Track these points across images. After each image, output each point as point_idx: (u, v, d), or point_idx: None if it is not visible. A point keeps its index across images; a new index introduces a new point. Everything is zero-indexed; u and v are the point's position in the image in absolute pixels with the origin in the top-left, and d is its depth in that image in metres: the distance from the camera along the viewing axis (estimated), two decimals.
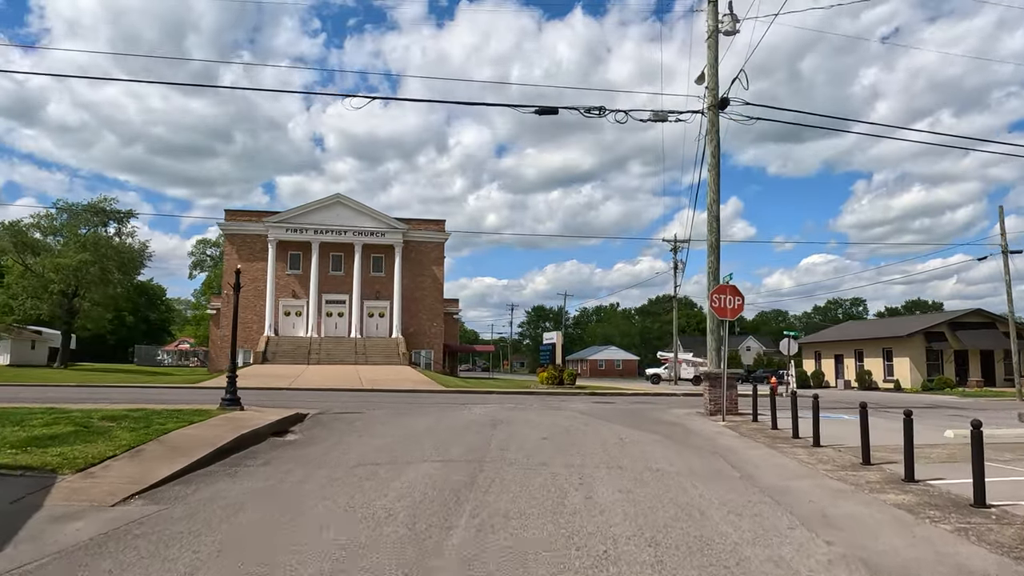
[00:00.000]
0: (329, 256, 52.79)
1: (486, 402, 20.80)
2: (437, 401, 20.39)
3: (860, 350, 46.74)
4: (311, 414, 14.90)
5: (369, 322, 52.93)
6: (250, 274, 51.32)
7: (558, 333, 33.79)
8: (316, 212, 51.67)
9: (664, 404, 21.94)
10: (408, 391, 26.39)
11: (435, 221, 55.37)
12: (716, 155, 19.15)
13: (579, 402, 21.69)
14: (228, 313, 52.34)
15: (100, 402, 16.32)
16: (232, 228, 51.45)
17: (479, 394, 26.64)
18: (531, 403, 20.73)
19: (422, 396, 24.04)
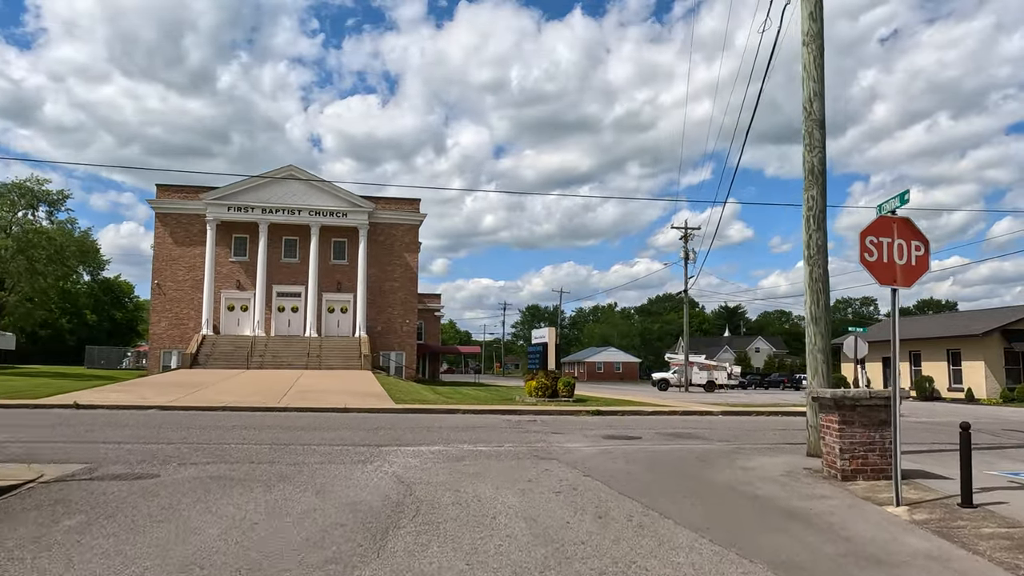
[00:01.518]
0: (281, 240, 44.63)
1: (433, 433, 12.82)
2: (345, 441, 12.25)
3: (917, 352, 38.79)
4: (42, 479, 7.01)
5: (329, 319, 44.78)
6: (187, 261, 43.22)
7: (550, 329, 25.72)
8: (264, 187, 43.49)
9: (712, 434, 13.96)
10: (341, 409, 18.40)
11: (407, 200, 47.23)
12: (818, 16, 11.15)
13: (578, 435, 13.67)
14: (159, 308, 44.23)
15: None
16: (164, 206, 43.26)
17: (439, 414, 18.64)
18: (502, 436, 12.74)
19: (350, 419, 16.02)
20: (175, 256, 43.18)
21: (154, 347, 42.38)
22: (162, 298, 42.80)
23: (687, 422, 17.47)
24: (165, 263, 43.06)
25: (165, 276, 42.95)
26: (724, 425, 16.74)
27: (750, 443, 12.54)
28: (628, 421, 17.60)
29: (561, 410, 19.97)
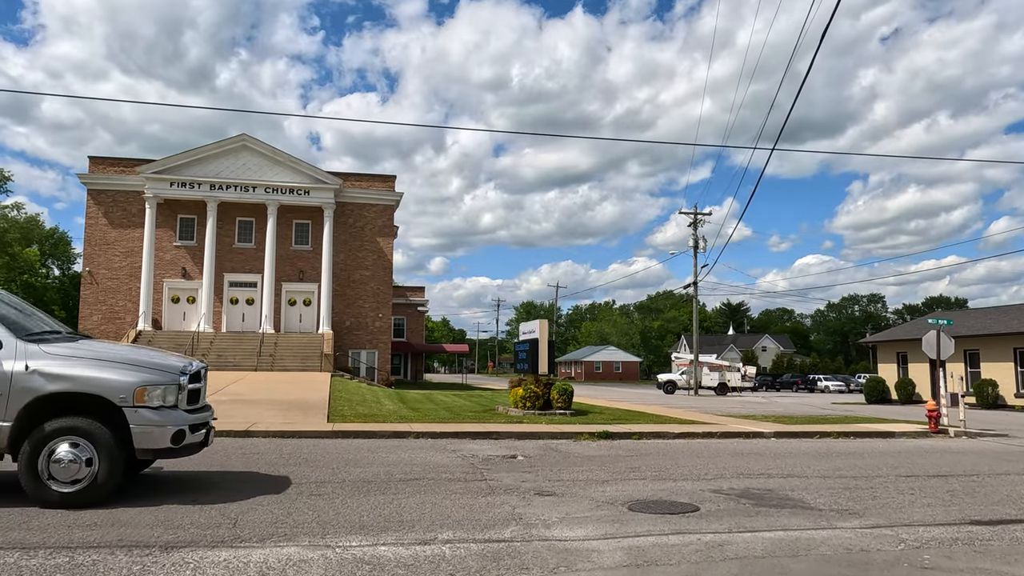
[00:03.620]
0: (234, 222, 38.75)
1: (332, 497, 7.16)
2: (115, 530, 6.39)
3: (974, 351, 33.03)
4: None
5: (289, 312, 38.91)
6: (124, 245, 37.34)
7: (542, 322, 19.99)
8: (213, 160, 37.58)
9: (808, 490, 8.32)
10: (241, 433, 12.69)
11: (381, 176, 41.35)
12: None
13: (581, 499, 8.22)
14: (91, 300, 38.27)
15: None
16: (98, 182, 37.32)
17: (381, 439, 12.96)
18: (446, 508, 7.15)
19: (230, 453, 10.26)
20: (110, 239, 37.29)
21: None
22: (94, 288, 36.90)
23: (742, 456, 11.68)
24: (98, 247, 37.16)
25: (98, 263, 37.06)
26: (802, 463, 10.95)
27: (908, 517, 6.78)
28: (652, 452, 11.82)
29: (555, 432, 14.18)
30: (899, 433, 15.93)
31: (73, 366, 6.47)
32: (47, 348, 6.54)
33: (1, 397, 6.31)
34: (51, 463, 6.29)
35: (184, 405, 6.87)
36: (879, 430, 16.25)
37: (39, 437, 6.32)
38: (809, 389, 65.70)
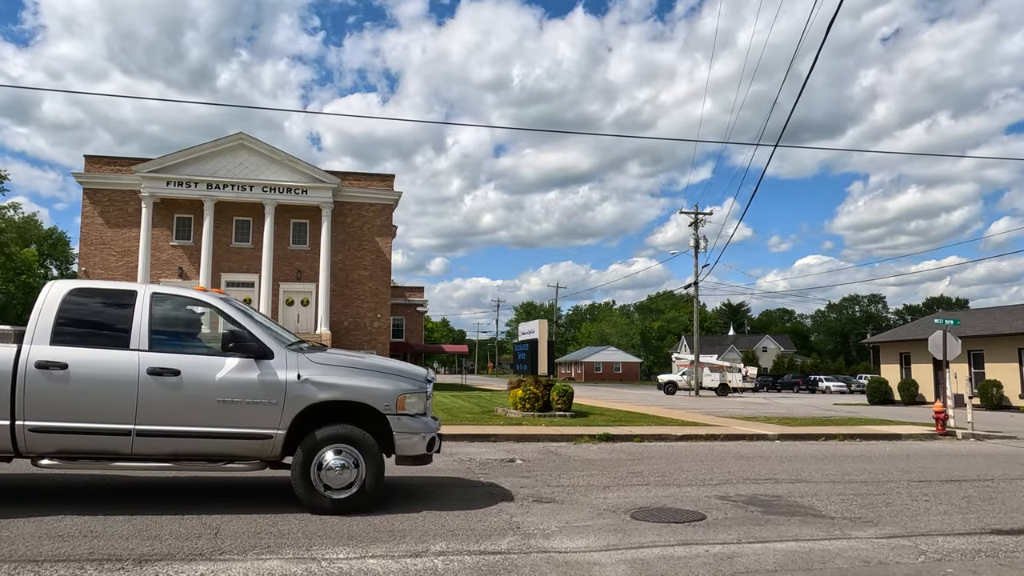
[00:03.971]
0: (231, 221, 38.43)
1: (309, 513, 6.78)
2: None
3: (978, 352, 32.68)
4: None
5: (287, 312, 38.59)
6: (120, 245, 37.00)
7: (541, 322, 19.66)
8: (210, 159, 37.26)
9: (818, 496, 8.08)
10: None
11: (380, 176, 41.04)
12: None
13: (583, 507, 8.04)
14: None
15: None
16: (94, 181, 36.99)
17: None
18: (440, 516, 6.79)
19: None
20: (106, 239, 36.96)
21: None
22: None
23: (747, 459, 11.36)
24: (94, 247, 36.83)
25: (94, 262, 36.72)
26: (809, 467, 10.63)
27: (926, 525, 6.46)
28: (655, 455, 11.51)
29: (555, 434, 13.86)
30: (906, 435, 15.61)
31: (336, 374, 6.56)
32: (311, 357, 6.60)
33: (276, 406, 6.37)
34: (323, 471, 6.36)
35: (430, 413, 7.00)
36: (885, 432, 15.92)
37: (311, 444, 6.38)
38: (810, 390, 65.37)
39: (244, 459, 6.45)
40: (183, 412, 6.24)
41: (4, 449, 6.12)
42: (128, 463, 6.31)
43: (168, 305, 6.69)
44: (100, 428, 6.13)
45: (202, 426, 6.26)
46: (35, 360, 6.09)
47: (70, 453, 6.19)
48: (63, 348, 6.18)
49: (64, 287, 6.47)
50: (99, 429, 6.13)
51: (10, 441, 6.07)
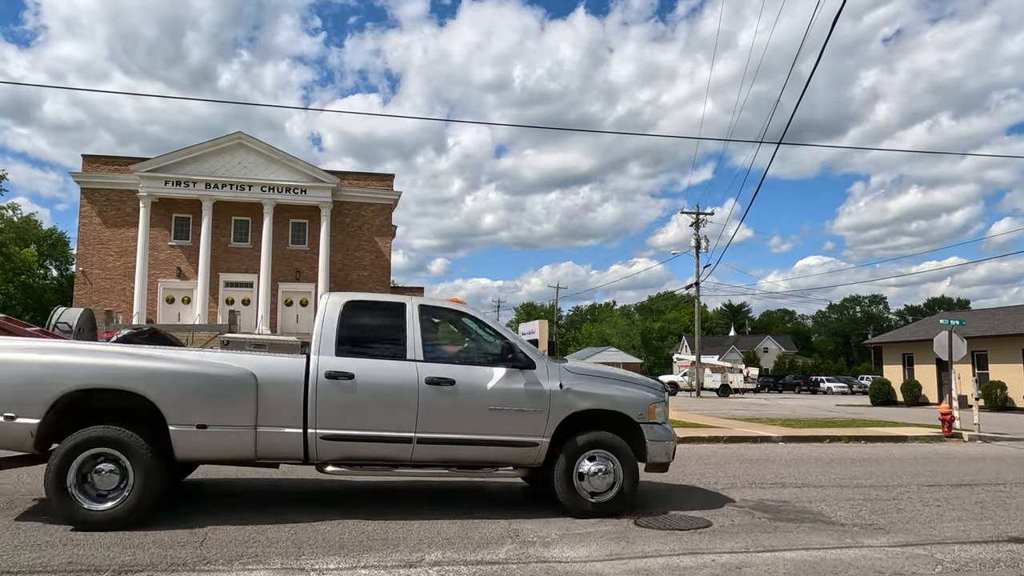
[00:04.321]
0: (230, 221, 38.23)
1: (288, 528, 6.55)
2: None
3: (982, 352, 32.42)
4: None
5: (286, 313, 38.39)
6: (118, 244, 36.81)
7: (542, 323, 19.45)
8: (209, 158, 37.05)
9: (826, 501, 7.90)
10: None
11: (379, 175, 40.84)
12: None
13: (585, 520, 7.46)
14: (84, 300, 37.67)
15: None
16: (91, 180, 36.80)
17: None
18: (433, 523, 6.51)
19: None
20: (104, 239, 36.77)
21: None
22: (87, 288, 36.37)
23: (751, 462, 11.12)
24: (92, 247, 36.64)
25: (92, 262, 36.54)
26: (815, 471, 10.39)
27: (940, 533, 6.24)
28: None
29: None
30: (911, 437, 15.38)
31: (592, 384, 6.83)
32: (566, 367, 6.84)
33: (541, 415, 6.58)
34: (586, 476, 6.61)
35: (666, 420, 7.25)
36: (891, 434, 15.69)
37: (572, 450, 6.62)
38: (812, 391, 65.16)
39: (510, 466, 6.70)
40: (458, 420, 6.44)
41: (295, 456, 6.24)
42: (407, 470, 6.48)
43: (434, 317, 6.95)
44: (384, 436, 6.30)
45: (475, 434, 6.46)
46: (325, 370, 6.22)
47: (355, 460, 6.35)
48: (348, 359, 6.34)
49: (340, 300, 6.70)
50: (383, 436, 6.30)
51: (303, 448, 6.19)
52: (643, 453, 6.87)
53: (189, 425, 5.86)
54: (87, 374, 5.76)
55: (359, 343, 6.47)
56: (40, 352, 5.84)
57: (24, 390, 5.65)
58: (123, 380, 5.79)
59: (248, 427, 6.00)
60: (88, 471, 5.68)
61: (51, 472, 5.58)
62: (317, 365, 6.22)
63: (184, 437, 5.86)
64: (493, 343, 6.79)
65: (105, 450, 5.69)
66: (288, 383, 6.13)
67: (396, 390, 6.32)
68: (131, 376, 5.81)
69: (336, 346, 6.35)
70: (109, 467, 5.69)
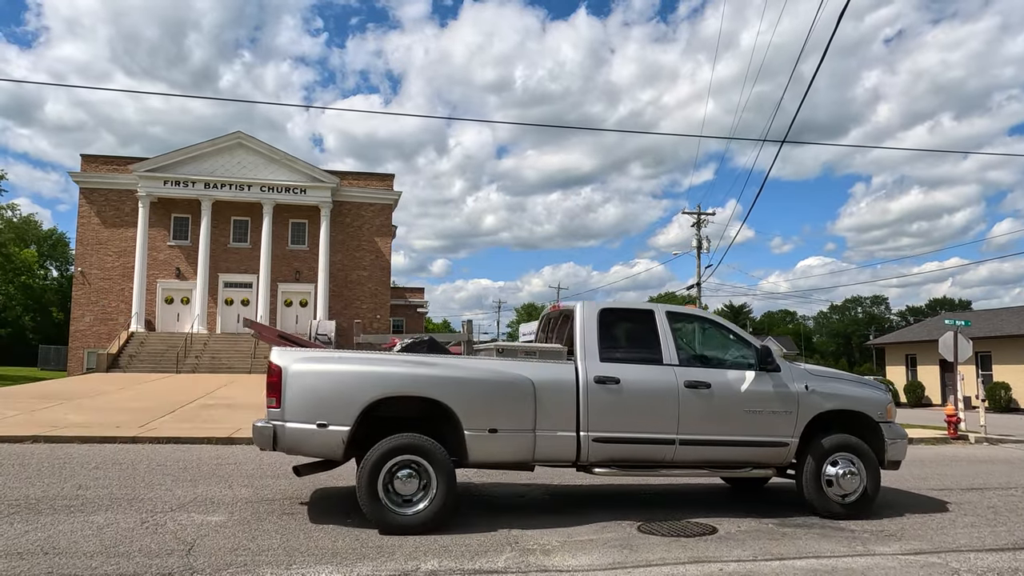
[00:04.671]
0: (229, 221, 38.07)
1: (293, 530, 6.36)
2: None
3: (986, 353, 32.23)
4: None
5: (286, 313, 38.22)
6: (117, 245, 36.67)
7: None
8: (208, 158, 36.90)
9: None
10: (223, 440, 12.05)
11: (379, 175, 40.68)
12: None
13: (590, 522, 7.45)
14: (83, 301, 37.55)
15: None
16: (90, 180, 36.66)
17: None
18: (429, 537, 6.28)
19: (214, 463, 9.59)
20: (103, 239, 36.61)
21: (76, 346, 35.77)
22: (86, 288, 36.20)
23: None
24: (91, 247, 36.49)
25: (90, 263, 36.39)
26: None
27: (954, 540, 6.04)
28: None
29: None
30: (917, 439, 15.15)
31: (831, 385, 7.07)
32: (807, 369, 7.12)
33: (790, 416, 6.81)
34: (835, 478, 6.79)
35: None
36: None
37: (820, 452, 6.82)
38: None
39: (762, 466, 6.88)
40: (716, 422, 6.67)
41: (567, 458, 6.44)
42: (668, 471, 6.71)
43: (680, 322, 7.18)
44: (649, 438, 6.53)
45: (732, 435, 6.69)
46: (593, 376, 6.47)
47: (621, 461, 6.54)
48: (612, 364, 6.58)
49: (594, 308, 6.88)
50: (648, 439, 6.53)
51: (575, 451, 6.39)
52: (881, 453, 7.05)
53: (482, 430, 6.11)
54: (392, 383, 6.03)
55: (618, 349, 6.75)
56: (349, 363, 6.10)
57: (336, 399, 5.89)
58: (424, 388, 6.05)
59: (528, 431, 6.25)
60: (390, 477, 5.90)
61: (363, 478, 5.81)
62: (585, 371, 6.48)
63: (477, 442, 6.10)
64: (739, 347, 7.09)
65: (410, 457, 5.92)
66: (562, 389, 6.38)
67: (659, 394, 6.58)
68: (430, 384, 6.06)
69: (599, 352, 6.60)
70: (407, 472, 5.91)
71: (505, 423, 6.17)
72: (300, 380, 5.90)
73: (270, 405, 5.94)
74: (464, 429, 6.04)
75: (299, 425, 5.86)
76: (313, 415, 5.86)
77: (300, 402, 5.87)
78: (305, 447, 5.98)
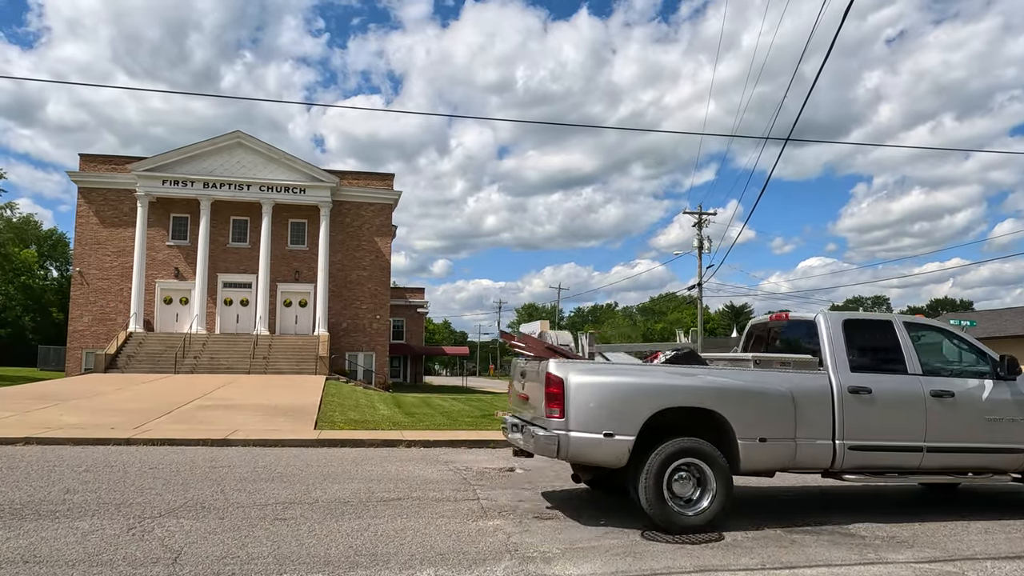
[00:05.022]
0: (228, 221, 37.85)
1: (280, 535, 6.17)
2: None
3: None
4: None
5: (285, 313, 38.01)
6: (115, 244, 36.48)
7: (543, 323, 18.74)
8: (206, 157, 36.68)
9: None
10: (219, 442, 11.89)
11: (379, 175, 40.47)
12: None
13: (591, 524, 7.33)
14: (81, 301, 37.33)
15: None
16: (89, 180, 36.44)
17: (371, 448, 12.11)
18: (428, 537, 6.15)
19: (206, 465, 9.40)
20: (101, 239, 36.40)
21: (74, 346, 35.57)
22: (84, 288, 36.00)
23: None
24: (89, 247, 36.27)
25: (89, 263, 36.18)
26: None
27: (968, 547, 5.84)
28: None
29: None
30: None
31: None
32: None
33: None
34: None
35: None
36: None
37: None
38: None
39: (1000, 472, 7.10)
40: (960, 430, 6.89)
41: (822, 465, 6.68)
42: (914, 477, 6.99)
43: (916, 332, 7.33)
44: (899, 445, 6.77)
45: (974, 442, 6.91)
46: (847, 386, 6.69)
47: (872, 468, 6.78)
48: (862, 374, 6.80)
49: (838, 319, 7.08)
50: (898, 447, 6.77)
51: (831, 458, 6.63)
52: None
53: (753, 439, 6.37)
54: (675, 395, 6.26)
55: (865, 359, 6.93)
56: (629, 375, 6.41)
57: (622, 410, 6.12)
58: (704, 399, 6.31)
59: (790, 439, 6.49)
60: (669, 480, 6.13)
61: (650, 481, 6.02)
62: (839, 381, 6.70)
63: (749, 450, 6.35)
64: (973, 356, 7.30)
65: (690, 460, 6.18)
66: (819, 398, 6.61)
67: (908, 403, 6.80)
68: (709, 395, 6.34)
69: (849, 362, 6.81)
70: (682, 475, 6.19)
71: (772, 432, 6.43)
72: (583, 392, 6.11)
73: (552, 415, 6.14)
74: (738, 438, 6.30)
75: (586, 435, 6.07)
76: (599, 425, 6.08)
77: (586, 413, 6.08)
78: (591, 456, 6.18)
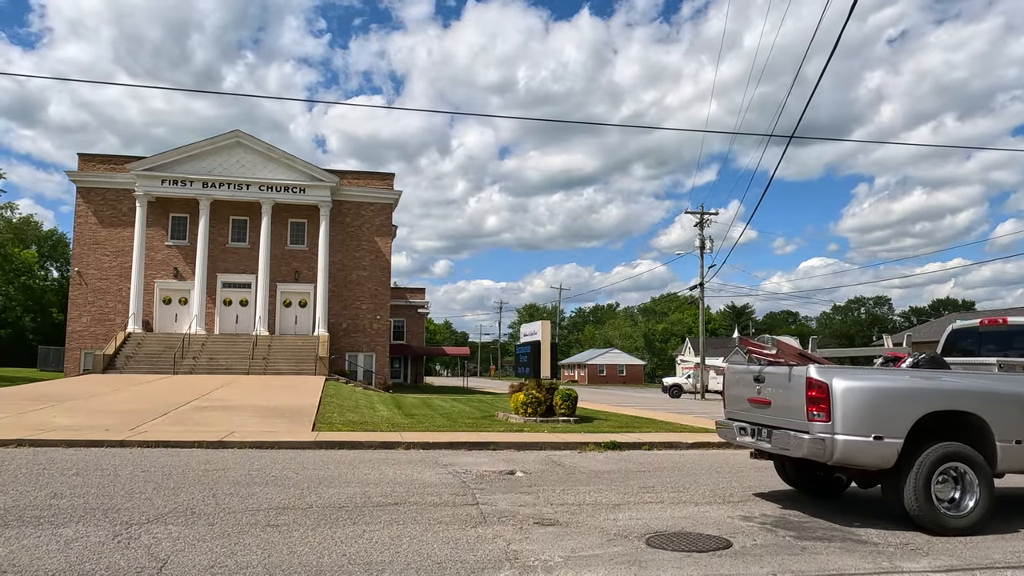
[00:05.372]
0: (228, 221, 37.63)
1: (272, 542, 5.96)
2: None
3: None
4: None
5: (284, 314, 37.79)
6: (114, 244, 36.27)
7: (544, 323, 18.84)
8: (206, 157, 36.47)
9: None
10: (215, 444, 11.69)
11: (379, 174, 40.23)
12: None
13: (590, 531, 7.17)
14: (80, 301, 37.15)
15: None
16: (87, 179, 36.23)
17: (369, 450, 11.89)
18: (424, 543, 5.89)
19: (199, 468, 9.19)
20: (100, 239, 36.20)
21: (73, 347, 35.37)
22: (83, 289, 35.81)
23: (767, 471, 10.48)
24: (88, 247, 36.08)
25: (87, 263, 35.98)
26: None
27: (985, 555, 5.64)
28: (667, 466, 10.67)
29: (558, 442, 13.02)
30: None
31: None
32: None
33: None
34: None
35: None
36: None
37: None
38: None
39: None
40: None
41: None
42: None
43: None
44: None
45: None
46: None
47: None
48: None
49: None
50: None
51: None
52: None
53: (1010, 441, 6.61)
54: (941, 399, 6.50)
55: None
56: (894, 380, 6.68)
57: (891, 414, 6.35)
58: (967, 403, 6.55)
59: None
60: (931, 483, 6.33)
61: (919, 483, 6.24)
62: None
63: (1007, 452, 6.59)
64: None
65: (954, 464, 6.40)
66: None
67: None
68: (971, 399, 6.59)
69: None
70: (944, 477, 6.40)
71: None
72: (850, 396, 6.32)
73: (816, 419, 6.37)
74: (996, 441, 6.53)
75: (854, 438, 6.27)
76: (868, 429, 6.29)
77: (854, 417, 6.28)
78: (857, 458, 6.37)
